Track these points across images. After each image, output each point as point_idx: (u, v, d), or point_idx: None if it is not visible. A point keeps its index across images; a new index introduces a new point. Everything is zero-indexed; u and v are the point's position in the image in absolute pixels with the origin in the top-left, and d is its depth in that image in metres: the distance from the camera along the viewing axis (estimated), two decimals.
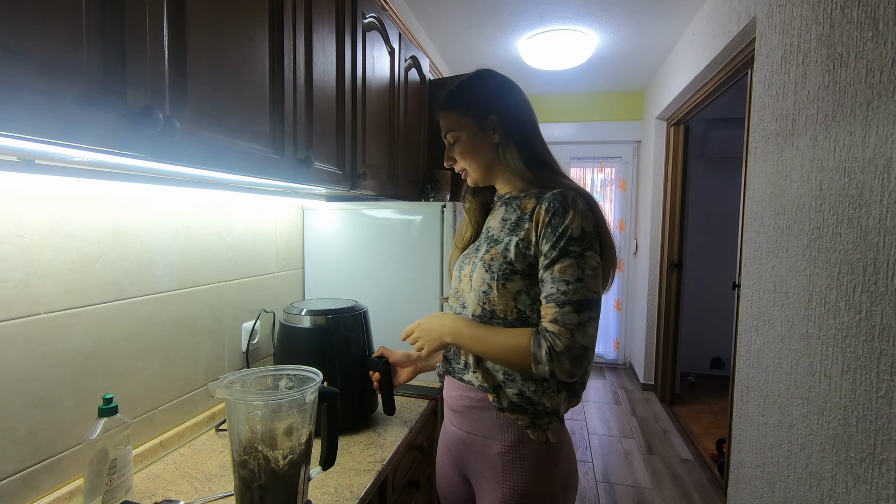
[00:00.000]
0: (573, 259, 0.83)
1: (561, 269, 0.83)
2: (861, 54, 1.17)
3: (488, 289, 0.91)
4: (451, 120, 1.00)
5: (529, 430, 0.90)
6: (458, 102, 1.00)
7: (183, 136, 0.68)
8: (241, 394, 0.76)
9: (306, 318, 1.20)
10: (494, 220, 1.00)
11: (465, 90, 1.00)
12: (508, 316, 0.90)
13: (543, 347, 0.83)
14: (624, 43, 3.05)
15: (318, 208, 1.65)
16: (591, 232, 0.85)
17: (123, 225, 0.97)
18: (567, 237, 0.84)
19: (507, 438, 0.91)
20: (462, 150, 1.00)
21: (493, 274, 0.90)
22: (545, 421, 0.90)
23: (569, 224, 0.84)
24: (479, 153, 0.98)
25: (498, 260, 0.91)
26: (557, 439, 0.91)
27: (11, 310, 0.77)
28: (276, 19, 0.93)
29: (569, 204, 0.85)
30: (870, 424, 1.11)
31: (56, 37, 0.51)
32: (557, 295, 0.83)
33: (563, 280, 0.83)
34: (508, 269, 0.89)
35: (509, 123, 0.97)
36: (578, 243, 0.83)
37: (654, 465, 2.67)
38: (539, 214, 0.87)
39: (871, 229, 1.12)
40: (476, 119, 0.97)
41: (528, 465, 0.89)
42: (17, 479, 0.79)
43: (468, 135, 0.98)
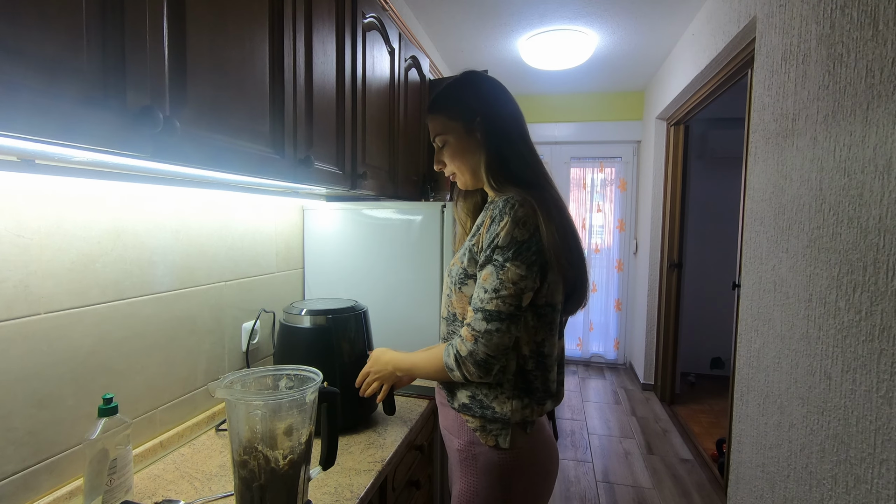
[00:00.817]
0: (494, 268, 0.84)
1: (484, 276, 0.86)
2: (861, 54, 1.17)
3: (450, 292, 0.95)
4: (439, 123, 1.00)
5: (478, 433, 0.92)
6: (444, 105, 1.00)
7: (183, 136, 0.68)
8: (241, 394, 0.76)
9: (306, 318, 1.20)
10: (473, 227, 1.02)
11: (453, 93, 1.00)
12: (467, 318, 0.91)
13: (451, 355, 0.88)
14: (624, 43, 3.05)
15: (318, 208, 1.65)
16: (524, 241, 0.83)
17: (123, 225, 0.97)
18: (493, 245, 0.85)
19: (463, 437, 0.94)
20: (451, 154, 1.00)
21: (452, 279, 0.95)
22: (496, 426, 0.91)
23: (499, 231, 0.84)
24: (467, 156, 0.98)
25: (457, 265, 0.94)
26: (512, 446, 0.90)
27: (11, 310, 0.77)
28: (276, 19, 0.93)
29: (506, 211, 0.85)
30: (870, 424, 1.11)
31: (56, 37, 0.51)
32: (475, 300, 0.86)
33: (482, 287, 0.85)
34: (463, 275, 0.92)
35: (490, 128, 0.96)
36: (502, 252, 0.84)
37: (654, 465, 2.67)
38: (486, 221, 0.89)
39: (871, 229, 1.12)
40: (463, 122, 0.97)
41: (479, 466, 0.92)
42: (17, 479, 0.79)
43: (456, 138, 0.98)
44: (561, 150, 4.37)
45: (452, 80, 1.03)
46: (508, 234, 0.83)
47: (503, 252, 0.84)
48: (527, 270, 0.84)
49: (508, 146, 0.96)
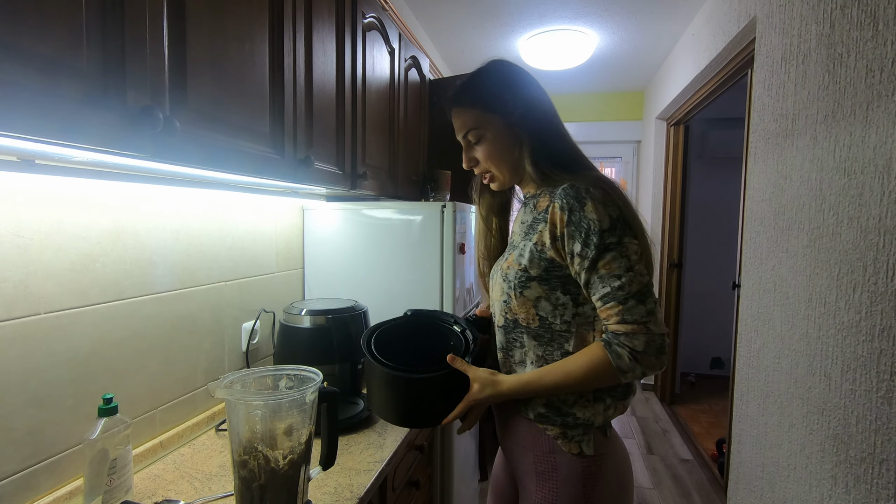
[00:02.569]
0: (615, 251, 0.76)
1: (605, 265, 0.76)
2: (861, 54, 1.17)
3: (508, 298, 0.87)
4: (472, 117, 0.90)
5: (560, 440, 0.84)
6: (477, 97, 0.90)
7: (183, 135, 0.68)
8: (241, 394, 0.76)
9: (306, 318, 1.20)
10: (517, 225, 0.95)
11: (483, 82, 0.91)
12: (531, 324, 0.85)
13: (624, 355, 0.76)
14: (624, 43, 3.05)
15: (318, 208, 1.65)
16: (619, 216, 0.78)
17: (123, 225, 0.97)
18: (598, 231, 0.76)
19: (539, 449, 0.86)
20: (488, 151, 0.90)
21: (509, 283, 0.86)
22: (578, 432, 0.84)
23: (591, 216, 0.77)
24: (506, 152, 0.90)
25: (514, 268, 0.86)
26: (597, 452, 0.83)
27: (11, 310, 0.77)
28: (276, 19, 0.93)
29: (583, 195, 0.78)
30: (870, 424, 1.11)
31: (56, 36, 0.51)
32: (614, 292, 0.76)
33: (614, 276, 0.76)
34: (524, 277, 0.84)
35: (530, 118, 0.88)
36: (612, 233, 0.76)
37: (654, 465, 2.67)
38: (554, 214, 0.81)
39: (871, 229, 1.12)
40: (501, 115, 0.88)
41: (560, 477, 0.84)
42: (17, 479, 0.79)
43: (494, 132, 0.89)
44: None
45: (482, 71, 0.93)
46: (605, 215, 0.77)
47: (612, 233, 0.76)
48: (640, 238, 0.79)
49: (554, 133, 0.90)
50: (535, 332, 0.85)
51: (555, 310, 0.84)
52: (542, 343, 0.85)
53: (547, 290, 0.83)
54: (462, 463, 1.71)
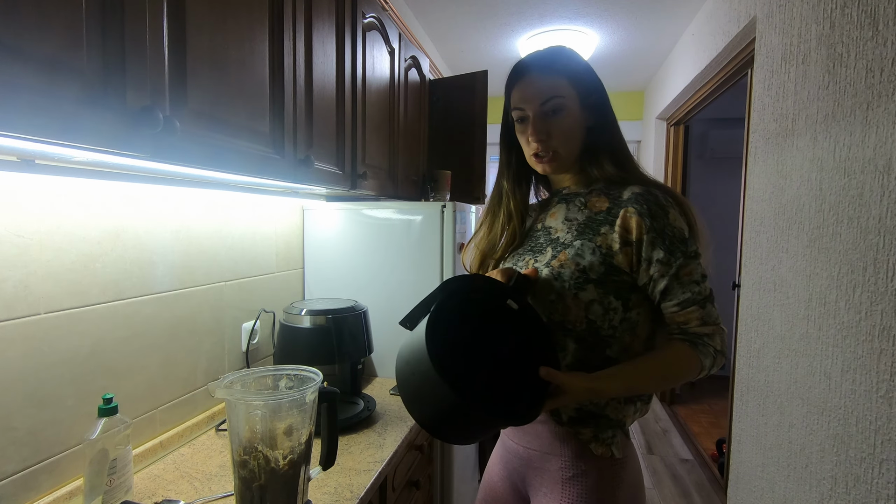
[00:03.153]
0: (694, 259, 0.80)
1: (687, 272, 0.79)
2: (861, 54, 1.17)
3: (557, 298, 0.82)
4: (558, 85, 0.84)
5: (592, 444, 0.82)
6: (566, 67, 0.85)
7: (183, 135, 0.68)
8: (241, 394, 0.76)
9: (306, 318, 1.20)
10: (555, 220, 0.90)
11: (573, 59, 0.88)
12: (577, 326, 0.82)
13: (710, 353, 0.80)
14: (624, 43, 3.05)
15: (318, 208, 1.65)
16: (692, 226, 0.83)
17: (123, 225, 0.97)
18: (681, 239, 0.79)
19: (566, 453, 0.83)
20: (564, 126, 0.84)
21: (563, 283, 0.81)
22: (609, 434, 0.83)
23: (676, 224, 0.80)
24: (579, 133, 0.86)
25: (569, 267, 0.82)
26: (623, 455, 0.83)
27: (11, 310, 0.77)
28: (276, 19, 0.93)
29: (664, 203, 0.80)
30: (870, 424, 1.11)
31: (56, 36, 0.51)
32: (695, 297, 0.79)
33: (694, 281, 0.79)
34: (581, 278, 0.81)
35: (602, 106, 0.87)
36: (693, 242, 0.81)
37: (654, 465, 2.67)
38: (628, 220, 0.80)
39: (871, 229, 1.12)
40: (580, 93, 0.85)
41: (590, 482, 0.81)
42: (17, 479, 0.79)
43: (573, 108, 0.85)
44: None
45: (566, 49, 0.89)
46: (684, 223, 0.81)
47: (690, 242, 0.80)
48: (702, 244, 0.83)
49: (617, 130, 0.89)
50: (580, 334, 0.82)
51: (605, 314, 0.81)
52: (584, 347, 0.82)
53: (601, 294, 0.81)
54: (462, 463, 1.71)
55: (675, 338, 0.82)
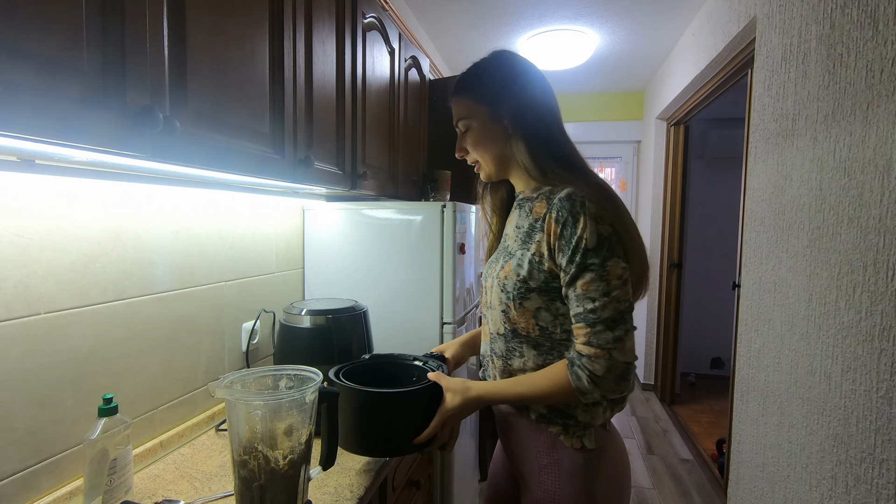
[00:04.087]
0: (594, 273, 0.76)
1: (583, 285, 0.77)
2: (861, 54, 1.17)
3: (507, 308, 0.86)
4: (464, 107, 0.93)
5: (562, 437, 0.85)
6: (471, 88, 0.92)
7: (183, 135, 0.68)
8: (241, 394, 0.76)
9: (306, 318, 1.20)
10: (510, 226, 0.94)
11: (479, 75, 0.93)
12: (531, 333, 0.85)
13: (584, 377, 0.77)
14: (624, 43, 3.05)
15: (318, 208, 1.65)
16: (609, 235, 0.77)
17: (123, 225, 0.97)
18: (583, 249, 0.77)
19: (540, 444, 0.87)
20: (474, 140, 0.93)
21: (508, 294, 0.85)
22: (579, 429, 0.85)
23: (581, 234, 0.77)
24: (491, 144, 0.91)
25: (512, 279, 0.85)
26: (598, 445, 0.85)
27: (11, 310, 0.77)
28: (276, 19, 0.93)
29: (578, 210, 0.78)
30: (870, 424, 1.11)
31: (56, 37, 0.51)
32: (586, 314, 0.77)
33: (589, 297, 0.77)
34: (523, 288, 0.83)
35: (522, 112, 0.89)
36: (596, 254, 0.76)
37: (654, 465, 2.67)
38: (549, 225, 0.80)
39: (871, 229, 1.12)
40: (489, 106, 0.90)
41: (562, 470, 0.85)
42: (17, 479, 0.79)
43: (480, 123, 0.91)
44: None
45: (480, 61, 0.95)
46: (594, 233, 0.76)
47: (597, 253, 0.76)
48: (625, 261, 0.78)
49: (546, 131, 0.89)
50: (536, 340, 0.86)
51: (555, 319, 0.84)
52: (542, 352, 0.86)
53: (546, 301, 0.83)
54: (462, 463, 1.71)
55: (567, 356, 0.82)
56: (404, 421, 0.88)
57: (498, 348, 0.92)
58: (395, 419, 0.88)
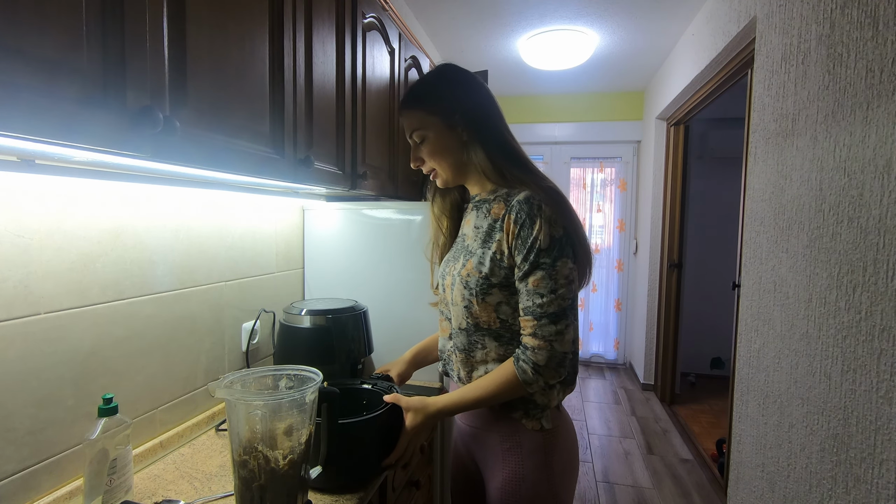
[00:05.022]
0: (544, 271, 0.84)
1: (534, 281, 0.84)
2: (861, 54, 1.17)
3: (469, 304, 0.92)
4: (416, 119, 0.97)
5: (524, 420, 0.93)
6: (422, 100, 0.97)
7: (183, 135, 0.68)
8: (241, 394, 0.76)
9: (306, 318, 1.20)
10: (468, 227, 0.99)
11: (429, 86, 0.98)
12: (493, 325, 0.91)
13: (528, 369, 0.85)
14: (624, 43, 3.05)
15: (318, 208, 1.65)
16: (561, 237, 0.85)
17: (123, 225, 0.97)
18: (537, 249, 0.84)
19: (503, 429, 0.94)
20: (430, 150, 0.97)
21: (471, 290, 0.91)
22: (538, 412, 0.93)
23: (537, 235, 0.84)
24: (447, 152, 0.96)
25: (474, 276, 0.91)
26: (553, 425, 0.93)
27: (11, 310, 0.77)
28: (276, 19, 0.93)
29: (535, 213, 0.85)
30: (870, 424, 1.11)
31: (56, 37, 0.51)
32: (533, 308, 0.85)
33: (538, 293, 0.84)
34: (485, 284, 0.89)
35: (474, 119, 0.94)
36: (548, 254, 0.84)
37: (654, 465, 2.67)
38: (508, 225, 0.87)
39: (871, 229, 1.12)
40: (441, 116, 0.94)
41: (524, 451, 0.92)
42: (17, 479, 0.79)
43: (435, 133, 0.95)
44: (561, 150, 4.37)
45: (427, 74, 1.01)
46: (548, 235, 0.84)
47: (549, 253, 0.84)
48: (573, 262, 0.86)
49: (499, 135, 0.95)
50: (497, 332, 0.92)
51: (514, 312, 0.90)
52: (503, 342, 0.92)
53: (507, 295, 0.90)
54: None
55: None
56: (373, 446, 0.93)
57: (460, 342, 0.97)
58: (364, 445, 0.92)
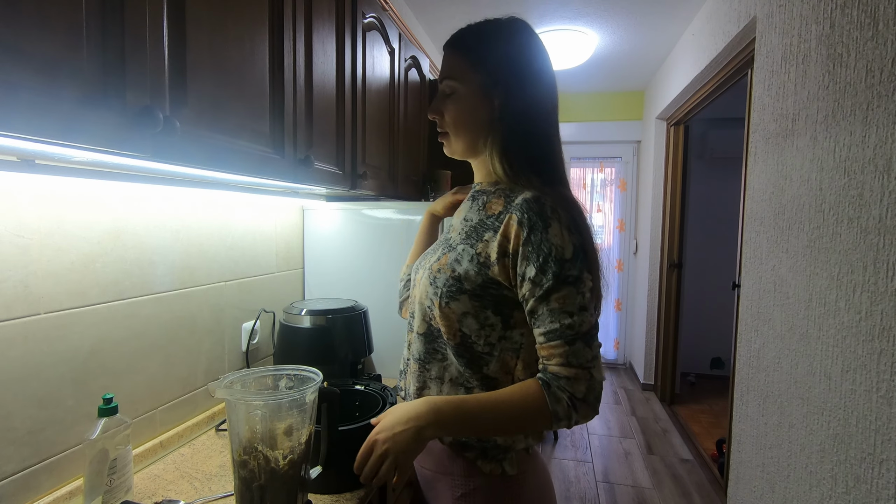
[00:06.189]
0: (572, 286, 0.68)
1: (560, 298, 0.68)
2: (861, 54, 1.17)
3: (430, 304, 0.76)
4: (457, 65, 0.79)
5: (479, 461, 0.75)
6: (472, 47, 0.78)
7: (183, 135, 0.68)
8: (241, 394, 0.76)
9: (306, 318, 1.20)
10: (458, 217, 0.84)
11: (488, 36, 0.78)
12: (451, 340, 0.75)
13: (563, 400, 0.68)
14: (624, 43, 3.05)
15: (318, 208, 1.65)
16: (581, 245, 0.70)
17: (123, 225, 0.97)
18: (560, 259, 0.68)
19: (456, 471, 0.77)
20: (456, 108, 0.79)
21: (436, 289, 0.75)
22: (499, 453, 0.76)
23: (554, 241, 0.68)
24: (470, 119, 0.78)
25: (445, 273, 0.75)
26: (519, 470, 0.77)
27: (11, 310, 0.77)
28: (276, 19, 0.93)
29: (549, 215, 0.69)
30: (870, 424, 1.11)
31: (56, 36, 0.51)
32: (562, 330, 0.68)
33: (566, 312, 0.68)
34: (455, 287, 0.73)
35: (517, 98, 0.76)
36: (573, 265, 0.68)
37: (654, 465, 2.67)
38: (510, 228, 0.71)
39: (871, 229, 1.12)
40: (484, 76, 0.77)
41: (479, 500, 0.76)
42: (17, 479, 0.79)
43: (468, 92, 0.78)
44: None
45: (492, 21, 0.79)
46: (568, 241, 0.69)
47: (573, 264, 0.68)
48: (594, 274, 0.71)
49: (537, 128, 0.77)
50: (455, 349, 0.76)
51: (480, 329, 0.74)
52: (463, 362, 0.76)
53: (477, 308, 0.73)
54: None
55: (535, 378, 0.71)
56: None
57: (416, 350, 0.82)
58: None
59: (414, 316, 0.83)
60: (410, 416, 0.70)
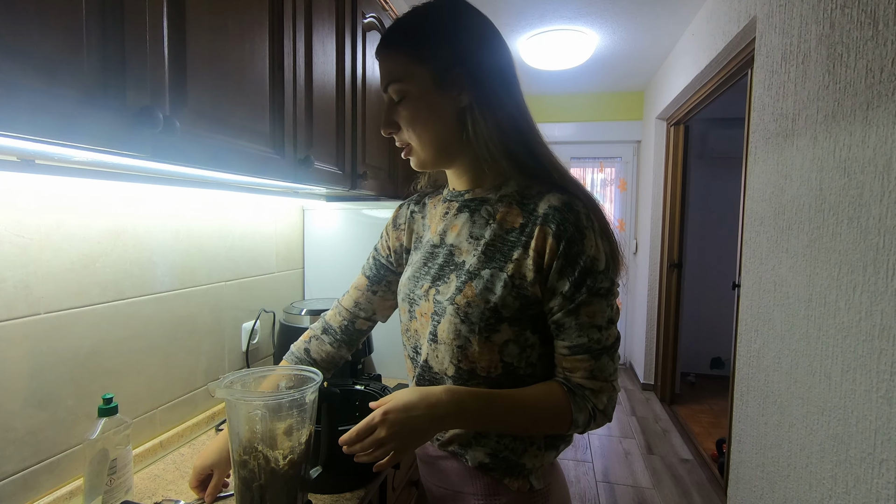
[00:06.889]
0: (603, 299, 0.66)
1: (590, 312, 0.65)
2: (861, 54, 1.17)
3: (466, 343, 0.68)
4: (397, 65, 0.68)
5: (506, 480, 0.72)
6: (409, 38, 0.68)
7: (183, 135, 0.68)
8: (241, 394, 0.76)
9: (306, 317, 1.20)
10: (458, 236, 0.74)
11: (423, 23, 0.68)
12: (493, 372, 0.69)
13: (587, 410, 0.67)
14: (624, 43, 3.05)
15: (318, 208, 1.65)
16: (612, 253, 0.67)
17: (123, 225, 0.97)
18: (594, 272, 0.65)
19: (478, 490, 0.73)
20: (410, 114, 0.68)
21: (471, 325, 0.67)
22: (524, 470, 0.73)
23: (590, 253, 0.64)
24: (434, 120, 0.68)
25: (478, 306, 0.67)
26: (545, 483, 0.73)
27: (11, 310, 0.77)
28: (276, 19, 0.93)
29: (584, 225, 0.65)
30: (869, 424, 1.11)
31: (56, 36, 0.51)
32: (590, 344, 0.66)
33: (595, 326, 0.66)
34: (493, 319, 0.66)
35: (485, 81, 0.67)
36: (606, 276, 0.65)
37: (654, 465, 2.67)
38: (543, 241, 0.66)
39: (871, 229, 1.12)
40: (434, 66, 0.66)
41: None
42: (17, 479, 0.79)
43: (421, 90, 0.67)
44: (561, 150, 4.35)
45: (422, 6, 0.69)
46: (601, 251, 0.66)
47: (605, 275, 0.65)
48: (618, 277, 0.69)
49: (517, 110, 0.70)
50: (496, 380, 0.70)
51: (522, 353, 0.69)
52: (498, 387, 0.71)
53: (517, 332, 0.68)
54: None
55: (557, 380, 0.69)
56: None
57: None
58: None
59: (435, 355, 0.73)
60: (430, 402, 0.64)
